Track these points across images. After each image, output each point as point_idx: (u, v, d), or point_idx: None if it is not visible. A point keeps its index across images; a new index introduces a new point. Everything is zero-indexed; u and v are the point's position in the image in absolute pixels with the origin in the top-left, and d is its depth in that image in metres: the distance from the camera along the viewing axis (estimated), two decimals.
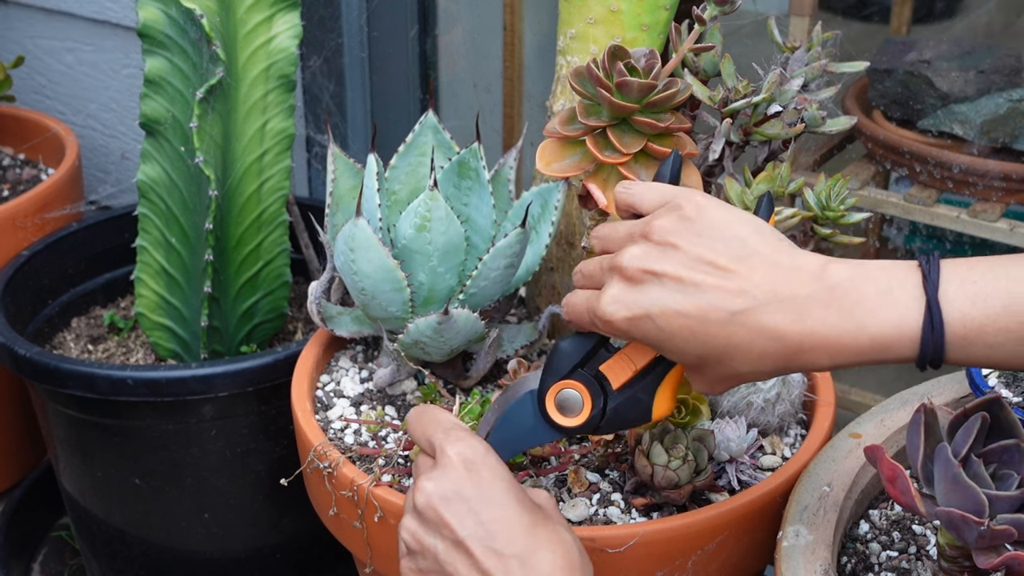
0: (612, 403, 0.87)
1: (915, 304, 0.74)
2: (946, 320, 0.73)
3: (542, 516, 0.83)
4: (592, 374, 0.87)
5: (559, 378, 0.88)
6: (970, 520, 0.80)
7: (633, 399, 0.87)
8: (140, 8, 1.41)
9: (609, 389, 0.87)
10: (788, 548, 0.92)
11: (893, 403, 1.09)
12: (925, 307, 0.73)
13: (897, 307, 0.74)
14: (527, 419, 0.90)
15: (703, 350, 0.78)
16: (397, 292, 1.10)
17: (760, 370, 0.78)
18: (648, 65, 0.92)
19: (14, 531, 1.73)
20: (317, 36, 1.80)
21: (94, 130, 2.05)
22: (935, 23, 2.02)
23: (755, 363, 0.77)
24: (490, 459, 0.84)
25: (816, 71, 1.10)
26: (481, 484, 0.82)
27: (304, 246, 1.58)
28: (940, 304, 0.73)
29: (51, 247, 1.63)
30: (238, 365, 1.37)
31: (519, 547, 0.79)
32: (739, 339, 0.77)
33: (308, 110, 1.85)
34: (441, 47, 1.90)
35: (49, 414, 1.49)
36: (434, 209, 1.07)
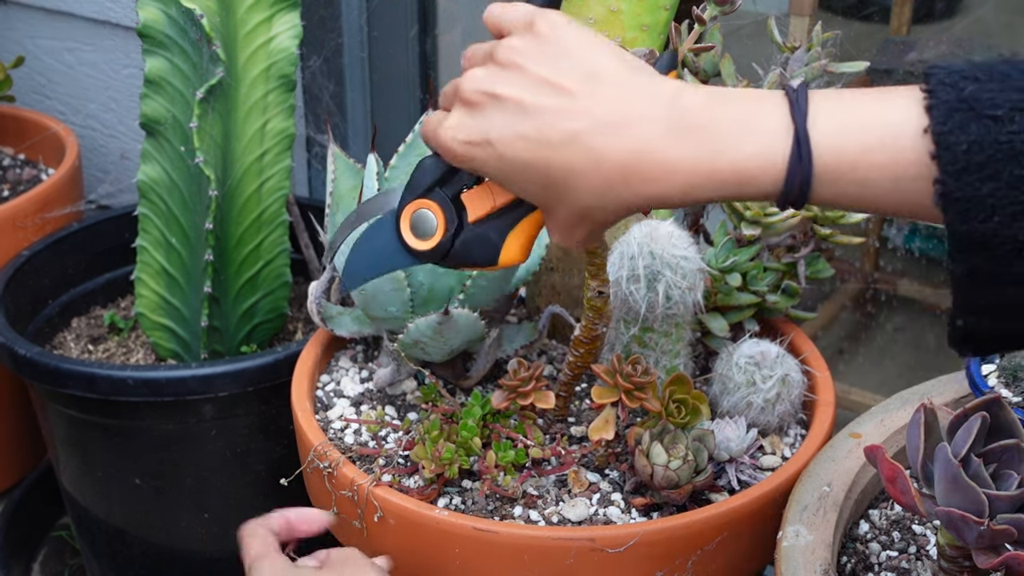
0: (463, 235, 0.79)
1: (781, 133, 0.67)
2: (815, 152, 0.66)
3: None
4: (451, 197, 0.80)
5: (416, 195, 0.80)
6: (970, 520, 0.80)
7: (484, 237, 0.79)
8: (140, 8, 1.41)
9: (465, 220, 0.79)
10: (788, 548, 0.92)
11: (893, 403, 1.09)
12: (792, 136, 0.67)
13: (761, 135, 0.67)
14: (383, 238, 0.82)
15: (545, 178, 0.71)
16: (397, 292, 1.10)
17: (606, 203, 0.71)
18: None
19: (14, 531, 1.73)
20: (317, 36, 1.80)
21: (94, 130, 2.05)
22: (935, 23, 2.02)
23: (599, 193, 0.70)
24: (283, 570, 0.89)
25: (816, 71, 1.10)
26: None
27: (304, 246, 1.58)
28: (809, 133, 0.66)
29: (51, 247, 1.63)
30: (238, 365, 1.37)
31: None
32: (579, 163, 0.70)
33: (308, 110, 1.86)
34: (441, 47, 1.90)
35: (49, 414, 1.49)
36: None
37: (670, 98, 0.70)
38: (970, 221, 0.63)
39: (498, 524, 0.98)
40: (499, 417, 1.08)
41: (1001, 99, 0.63)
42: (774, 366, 1.09)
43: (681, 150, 0.68)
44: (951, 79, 0.65)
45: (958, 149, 0.63)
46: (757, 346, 1.11)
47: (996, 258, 0.63)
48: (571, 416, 1.15)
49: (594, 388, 1.06)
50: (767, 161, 0.67)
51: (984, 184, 0.63)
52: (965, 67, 0.65)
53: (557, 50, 0.72)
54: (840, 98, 0.68)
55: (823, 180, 0.67)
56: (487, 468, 1.04)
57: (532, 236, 0.80)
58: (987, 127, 0.63)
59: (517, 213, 0.79)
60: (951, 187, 0.63)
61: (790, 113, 0.67)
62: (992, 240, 0.63)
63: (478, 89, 0.73)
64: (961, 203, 0.63)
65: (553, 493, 1.05)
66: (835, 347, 1.96)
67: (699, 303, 1.10)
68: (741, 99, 0.70)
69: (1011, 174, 0.62)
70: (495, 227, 0.79)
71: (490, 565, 0.98)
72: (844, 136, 0.66)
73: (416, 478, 1.06)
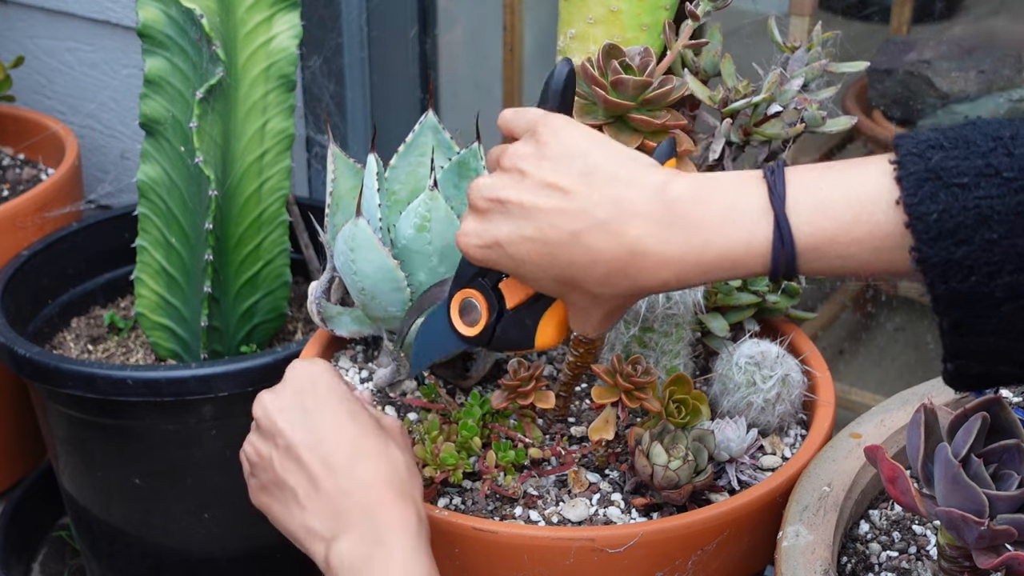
0: (503, 322, 0.86)
1: (763, 218, 0.71)
2: (795, 234, 0.71)
3: (375, 431, 0.86)
4: (491, 286, 0.86)
5: (462, 285, 0.87)
6: (970, 520, 0.80)
7: (521, 322, 0.86)
8: (140, 8, 1.41)
9: (504, 307, 0.86)
10: (788, 548, 0.92)
11: (893, 403, 1.09)
12: (773, 221, 0.71)
13: (744, 222, 0.72)
14: (439, 325, 0.90)
15: (553, 274, 0.77)
16: (397, 292, 1.10)
17: (611, 291, 0.76)
18: (643, 63, 0.92)
19: (14, 531, 1.73)
20: (317, 36, 1.80)
21: (94, 130, 2.05)
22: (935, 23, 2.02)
23: (602, 284, 0.76)
24: (330, 378, 0.88)
25: (816, 71, 1.10)
26: (316, 397, 0.86)
27: (304, 246, 1.58)
28: (788, 217, 0.71)
29: (51, 247, 1.63)
30: (238, 365, 1.37)
31: (343, 455, 0.83)
32: (580, 260, 0.75)
33: (308, 110, 1.86)
34: (441, 47, 1.91)
35: (49, 414, 1.49)
36: (434, 209, 1.07)
37: (658, 191, 0.74)
38: (949, 282, 0.67)
39: (498, 524, 0.98)
40: (499, 417, 1.08)
41: (966, 166, 0.67)
42: (774, 366, 1.09)
43: (671, 243, 0.73)
44: (918, 149, 0.68)
45: (929, 218, 0.66)
46: (757, 346, 1.11)
47: (975, 313, 0.67)
48: (571, 416, 1.15)
49: (594, 388, 1.05)
50: (751, 247, 0.72)
51: (958, 248, 0.66)
52: (931, 136, 0.69)
53: (556, 152, 0.77)
54: (815, 176, 0.72)
55: (807, 257, 0.71)
56: (487, 468, 1.04)
57: (562, 320, 0.86)
58: (955, 195, 0.66)
59: (548, 299, 0.85)
60: (927, 253, 0.67)
61: (769, 198, 0.71)
62: (970, 297, 0.66)
63: (485, 196, 0.79)
64: (938, 267, 0.67)
65: (553, 493, 1.05)
66: (835, 347, 1.96)
67: (699, 303, 1.10)
68: (724, 186, 0.74)
69: (982, 238, 0.66)
70: (530, 313, 0.85)
71: (490, 565, 0.98)
72: (822, 216, 0.70)
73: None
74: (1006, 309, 0.66)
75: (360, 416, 0.87)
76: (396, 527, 0.81)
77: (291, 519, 0.85)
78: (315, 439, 0.84)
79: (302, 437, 0.84)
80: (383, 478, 0.83)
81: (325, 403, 0.86)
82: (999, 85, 1.64)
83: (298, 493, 0.84)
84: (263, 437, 0.87)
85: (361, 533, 0.81)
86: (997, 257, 0.65)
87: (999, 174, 0.66)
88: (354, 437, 0.84)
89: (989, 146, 0.67)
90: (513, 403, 1.06)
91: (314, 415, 0.85)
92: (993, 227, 0.65)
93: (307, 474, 0.83)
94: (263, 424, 0.87)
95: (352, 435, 0.85)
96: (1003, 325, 0.66)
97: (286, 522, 0.86)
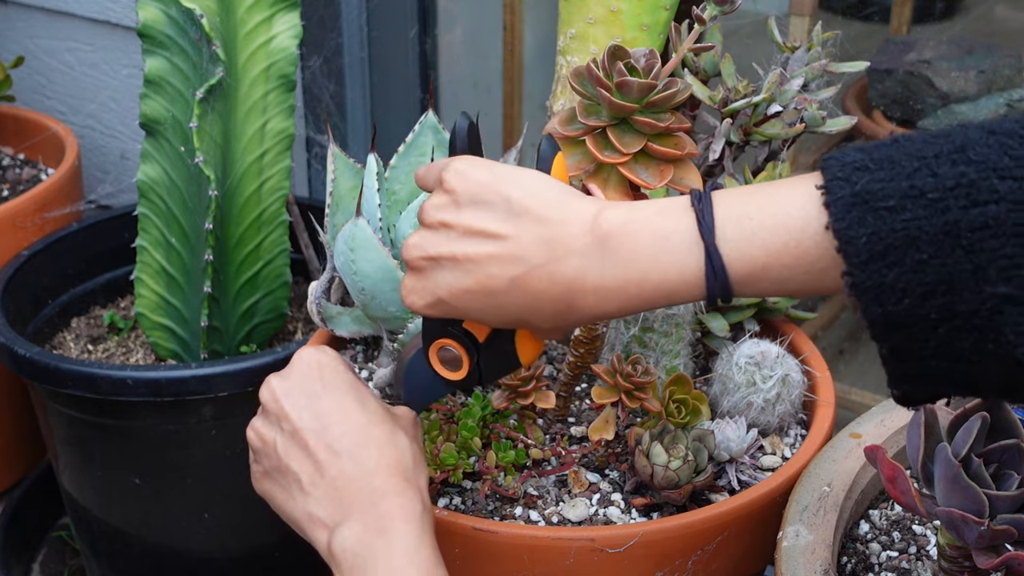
0: (483, 356, 0.87)
1: (694, 249, 0.72)
2: (727, 264, 0.71)
3: (382, 418, 0.86)
4: (461, 331, 0.87)
5: (435, 337, 0.88)
6: (970, 520, 0.80)
7: (500, 350, 0.86)
8: (140, 8, 1.41)
9: (477, 343, 0.87)
10: (788, 548, 0.92)
11: (893, 403, 1.09)
12: (704, 253, 0.72)
13: (676, 253, 0.73)
14: (425, 374, 0.90)
15: (503, 317, 0.78)
16: (397, 292, 1.10)
17: (563, 323, 0.78)
18: (648, 65, 0.92)
19: (14, 531, 1.73)
20: (317, 36, 1.80)
21: (94, 130, 2.05)
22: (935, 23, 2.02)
23: (552, 319, 0.77)
24: (337, 364, 0.88)
25: (816, 71, 1.10)
26: (324, 382, 0.86)
27: (304, 246, 1.58)
28: (719, 247, 0.71)
29: (51, 247, 1.63)
30: (238, 365, 1.37)
31: (349, 441, 0.83)
32: (525, 302, 0.76)
33: (308, 110, 1.86)
34: (441, 47, 1.91)
35: (49, 414, 1.49)
36: None
37: (590, 227, 0.75)
38: (883, 305, 0.67)
39: (498, 524, 0.98)
40: (499, 417, 1.08)
41: (891, 188, 0.67)
42: (774, 366, 1.09)
43: (609, 277, 0.74)
44: (844, 172, 0.68)
45: (859, 242, 0.67)
46: (757, 346, 1.11)
47: (912, 336, 0.67)
48: (571, 416, 1.15)
49: (594, 388, 1.05)
50: (685, 277, 0.73)
51: (890, 271, 0.66)
52: (857, 157, 0.69)
53: (470, 197, 0.77)
54: (743, 202, 0.72)
55: (741, 284, 0.72)
56: (487, 468, 1.04)
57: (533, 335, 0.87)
58: (882, 218, 0.66)
59: None
60: (859, 277, 0.67)
61: (698, 229, 0.72)
62: (906, 320, 0.66)
63: (416, 256, 0.79)
64: (872, 291, 0.67)
65: (553, 493, 1.05)
66: (835, 347, 1.96)
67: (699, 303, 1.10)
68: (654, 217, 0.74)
69: (912, 259, 0.66)
70: (502, 339, 0.86)
71: (490, 565, 0.98)
72: (751, 244, 0.71)
73: None
74: (942, 331, 0.66)
75: (368, 403, 0.86)
76: (399, 516, 0.81)
77: (294, 505, 0.84)
78: (321, 425, 0.84)
79: (308, 422, 0.84)
80: (388, 465, 0.82)
81: (332, 389, 0.86)
82: (999, 85, 1.64)
83: (302, 479, 0.83)
84: (268, 421, 0.86)
85: (364, 521, 0.81)
86: (929, 278, 0.65)
87: (924, 195, 0.66)
88: (360, 423, 0.84)
89: (914, 166, 0.66)
90: (513, 403, 1.06)
91: (321, 400, 0.85)
92: (922, 248, 0.65)
93: (312, 460, 0.83)
94: (269, 408, 0.86)
95: (358, 421, 0.84)
96: (941, 348, 0.66)
97: (288, 509, 0.85)
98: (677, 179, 0.93)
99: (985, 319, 0.65)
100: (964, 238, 0.64)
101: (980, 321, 0.65)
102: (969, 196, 0.65)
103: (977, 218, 0.64)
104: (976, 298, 0.65)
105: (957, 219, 0.65)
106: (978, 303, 0.65)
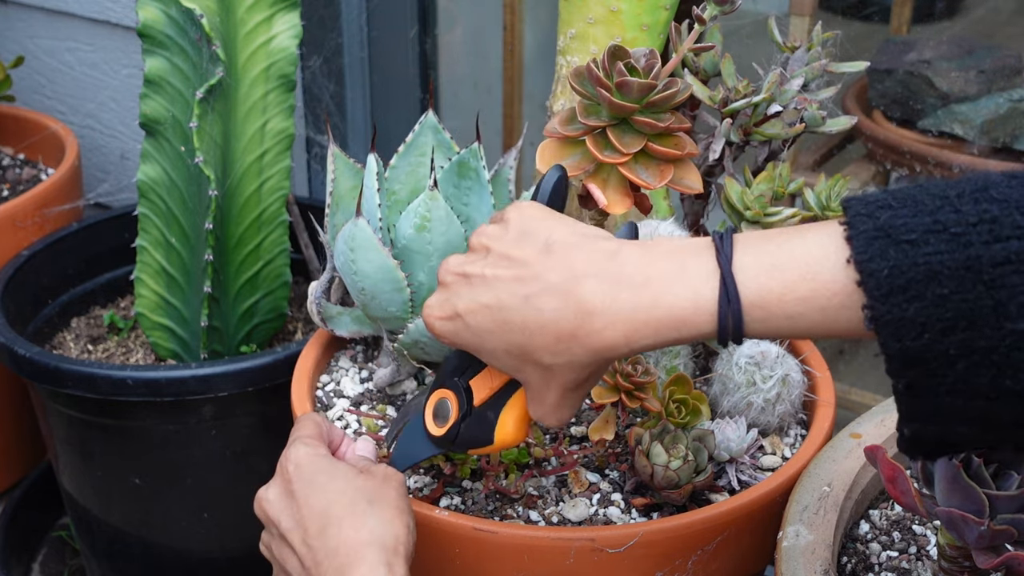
0: (469, 419, 0.87)
1: (710, 277, 0.73)
2: (742, 292, 0.71)
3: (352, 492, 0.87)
4: (463, 386, 0.88)
5: (439, 386, 0.89)
6: (970, 520, 0.80)
7: (483, 417, 0.87)
8: (140, 8, 1.41)
9: (471, 404, 0.87)
10: (788, 548, 0.92)
11: (893, 403, 1.09)
12: (720, 280, 0.72)
13: (691, 281, 0.73)
14: (416, 431, 0.92)
15: (507, 343, 0.79)
16: (397, 292, 1.10)
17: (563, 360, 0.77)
18: (648, 65, 0.92)
19: (14, 531, 1.73)
20: (317, 36, 1.80)
21: (94, 130, 2.05)
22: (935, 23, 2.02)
23: (553, 349, 0.77)
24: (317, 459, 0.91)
25: (816, 71, 1.10)
26: (301, 480, 0.89)
27: (304, 246, 1.58)
28: (735, 275, 0.72)
29: (51, 247, 1.63)
30: (238, 365, 1.37)
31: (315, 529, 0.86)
32: (532, 323, 0.76)
33: (308, 110, 1.86)
34: (441, 47, 1.91)
35: (49, 414, 1.49)
36: (434, 209, 1.07)
37: (610, 255, 0.76)
38: (902, 340, 0.67)
39: (498, 524, 0.98)
40: None
41: (914, 223, 0.67)
42: (774, 366, 1.09)
43: (620, 300, 0.74)
44: (867, 209, 0.69)
45: (880, 275, 0.67)
46: (757, 346, 1.11)
47: (930, 372, 0.67)
48: None
49: (594, 388, 1.05)
50: (698, 305, 0.73)
51: (910, 305, 0.66)
52: (880, 196, 0.70)
53: (520, 229, 0.80)
54: (764, 240, 0.73)
55: (754, 317, 0.72)
56: (489, 468, 1.04)
57: (523, 413, 0.86)
58: (904, 251, 0.67)
59: (507, 392, 0.86)
60: (880, 311, 0.67)
61: (716, 258, 0.73)
62: (925, 355, 0.67)
63: (451, 271, 0.82)
64: (891, 324, 0.67)
65: (553, 493, 1.05)
66: (835, 347, 1.96)
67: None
68: (674, 250, 0.75)
69: (933, 293, 0.66)
70: (493, 408, 0.86)
71: (490, 565, 0.98)
72: (768, 275, 0.71)
73: (415, 478, 1.06)
74: (960, 367, 0.66)
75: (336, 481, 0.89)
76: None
77: None
78: (295, 522, 0.87)
79: (287, 524, 0.88)
80: (351, 541, 0.85)
81: (308, 484, 0.89)
82: (999, 85, 1.64)
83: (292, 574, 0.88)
84: (267, 528, 0.91)
85: None
86: (949, 313, 0.65)
87: (947, 230, 0.66)
88: (324, 507, 0.87)
89: (936, 204, 0.67)
90: None
91: (298, 499, 0.88)
92: (943, 282, 0.65)
93: (296, 555, 0.87)
94: (262, 518, 0.91)
95: (322, 506, 0.87)
96: (958, 384, 0.66)
97: None
98: (677, 179, 0.93)
99: (1004, 355, 0.65)
100: (986, 273, 0.65)
101: (999, 357, 0.65)
102: (991, 232, 0.65)
103: (999, 253, 0.65)
104: (996, 334, 0.65)
105: (979, 254, 0.65)
106: (998, 339, 0.65)
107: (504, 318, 0.78)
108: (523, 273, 0.77)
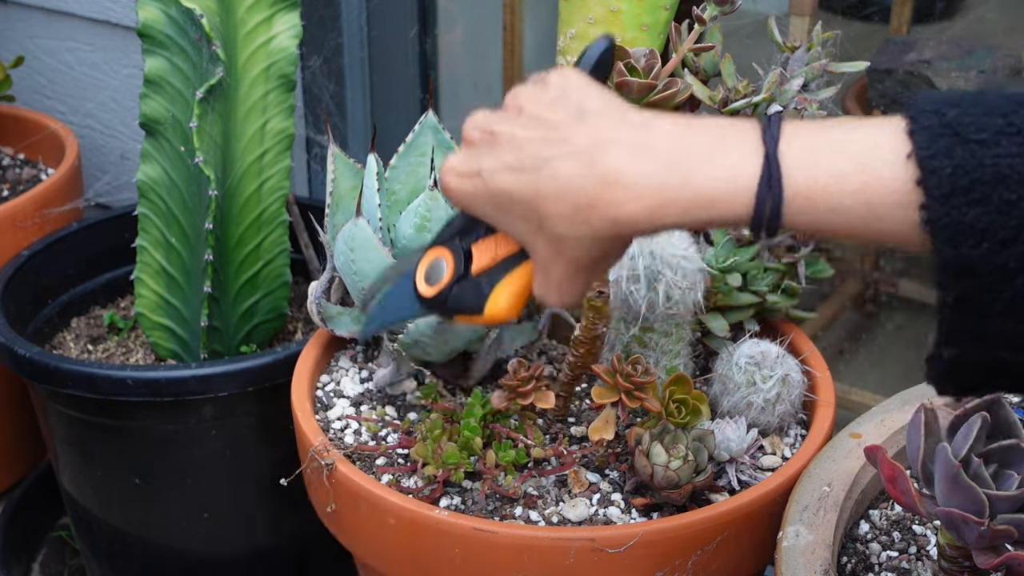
0: (462, 284, 0.80)
1: (752, 155, 0.66)
2: (785, 175, 0.65)
3: None
4: (464, 249, 0.81)
5: (438, 243, 0.82)
6: (970, 520, 0.80)
7: (476, 285, 0.80)
8: (140, 8, 1.41)
9: (468, 268, 0.80)
10: (788, 548, 0.92)
11: (893, 403, 1.09)
12: (763, 158, 0.65)
13: (730, 159, 0.66)
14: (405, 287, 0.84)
15: (522, 207, 0.72)
16: None
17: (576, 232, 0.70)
18: (648, 65, 0.92)
19: (14, 531, 1.73)
20: (317, 36, 1.80)
21: (93, 130, 2.05)
22: (935, 23, 2.02)
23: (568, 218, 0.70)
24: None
25: (816, 71, 1.10)
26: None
27: (304, 246, 1.58)
28: (780, 158, 0.65)
29: (51, 247, 1.63)
30: (238, 365, 1.37)
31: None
32: (549, 188, 0.70)
33: (308, 110, 1.85)
34: (441, 47, 1.90)
35: (49, 414, 1.49)
36: (434, 209, 1.07)
37: (641, 124, 0.69)
38: (958, 247, 0.62)
39: (498, 524, 0.98)
40: (499, 417, 1.08)
41: (986, 123, 0.62)
42: (774, 366, 1.09)
43: (647, 174, 0.67)
44: (932, 106, 0.64)
45: (943, 173, 0.62)
46: (757, 346, 1.11)
47: (984, 286, 0.62)
48: (571, 416, 1.15)
49: (594, 388, 1.05)
50: (735, 184, 0.66)
51: (971, 209, 0.61)
52: (948, 95, 0.65)
53: (557, 93, 0.73)
54: (816, 125, 0.66)
55: (795, 205, 0.65)
56: (488, 468, 1.04)
57: (521, 288, 0.80)
58: (972, 151, 0.62)
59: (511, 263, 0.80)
60: (938, 213, 0.62)
61: (761, 137, 0.66)
62: (981, 267, 0.61)
63: (478, 127, 0.74)
64: (949, 229, 0.62)
65: (553, 493, 1.05)
66: (835, 347, 1.96)
67: (699, 303, 1.10)
68: (714, 124, 0.69)
69: (999, 198, 0.61)
70: (488, 276, 0.80)
71: (490, 565, 0.98)
72: (817, 160, 0.65)
73: (416, 478, 1.06)
74: (1019, 283, 0.61)
75: None
76: None
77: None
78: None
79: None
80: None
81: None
82: (999, 85, 1.64)
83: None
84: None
85: None
86: (1014, 221, 0.60)
87: (1021, 132, 0.61)
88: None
89: (1011, 107, 0.62)
90: (514, 403, 1.06)
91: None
92: (1012, 187, 0.60)
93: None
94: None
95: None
96: (1013, 303, 0.61)
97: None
98: None
99: None
100: None
101: None
102: None
103: None
104: None
105: None
106: None
107: (523, 180, 0.71)
108: (551, 135, 0.71)
